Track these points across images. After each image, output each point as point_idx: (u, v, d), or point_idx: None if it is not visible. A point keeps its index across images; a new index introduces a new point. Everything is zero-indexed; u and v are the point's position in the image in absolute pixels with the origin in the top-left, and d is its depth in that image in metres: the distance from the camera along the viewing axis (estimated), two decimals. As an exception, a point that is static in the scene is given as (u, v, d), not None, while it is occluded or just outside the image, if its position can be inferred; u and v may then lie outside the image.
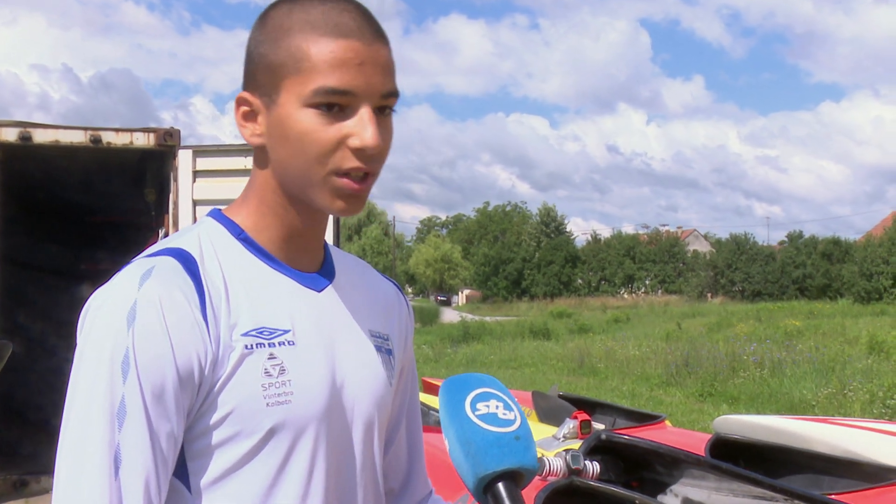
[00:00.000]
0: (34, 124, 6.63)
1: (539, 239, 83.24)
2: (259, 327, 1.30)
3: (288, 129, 1.29)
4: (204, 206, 6.61)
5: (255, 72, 1.33)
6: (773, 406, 13.81)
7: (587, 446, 3.73)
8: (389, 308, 1.56)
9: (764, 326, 26.42)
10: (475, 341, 29.97)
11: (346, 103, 1.28)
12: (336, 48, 1.27)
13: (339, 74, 1.26)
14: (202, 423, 1.27)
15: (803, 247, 63.89)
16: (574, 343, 25.09)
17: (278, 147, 1.32)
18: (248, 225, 1.39)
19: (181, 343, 1.23)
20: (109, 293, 1.25)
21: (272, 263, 1.38)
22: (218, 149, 7.02)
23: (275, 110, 1.31)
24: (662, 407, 14.15)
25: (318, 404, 1.33)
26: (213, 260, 1.33)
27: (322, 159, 1.29)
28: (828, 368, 15.93)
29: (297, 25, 1.29)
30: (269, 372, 1.29)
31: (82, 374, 1.22)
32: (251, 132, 1.35)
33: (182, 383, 1.23)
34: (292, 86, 1.28)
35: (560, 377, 19.03)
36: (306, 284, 1.40)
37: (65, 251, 10.30)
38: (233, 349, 1.27)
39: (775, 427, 4.91)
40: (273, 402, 1.28)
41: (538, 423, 6.12)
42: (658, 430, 5.47)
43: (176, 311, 1.23)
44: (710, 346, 19.89)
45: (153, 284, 1.24)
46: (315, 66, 1.27)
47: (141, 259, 1.30)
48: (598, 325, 36.48)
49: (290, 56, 1.28)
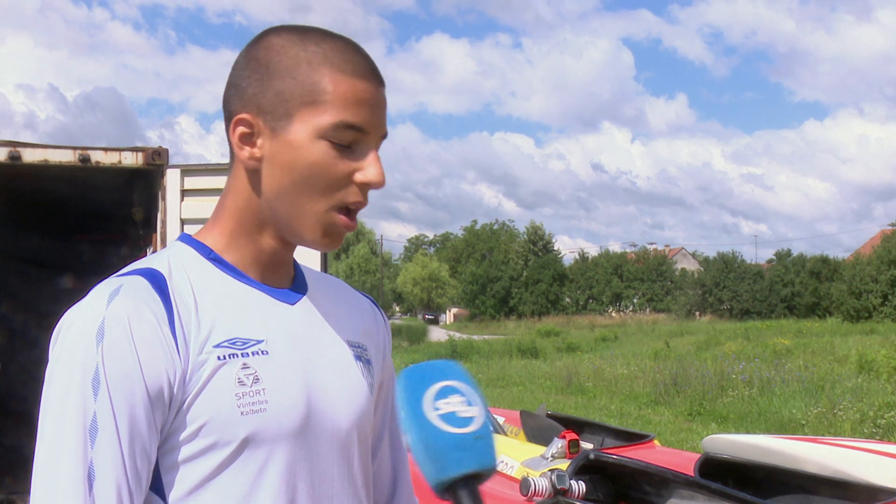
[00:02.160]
0: (23, 144, 6.62)
1: (526, 257, 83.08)
2: (232, 338, 1.32)
3: (297, 158, 1.32)
4: (192, 224, 6.60)
5: (258, 95, 1.35)
6: (763, 425, 13.81)
7: (575, 466, 3.75)
8: (365, 320, 1.57)
9: (752, 345, 26.42)
10: (463, 360, 29.85)
11: (357, 140, 1.33)
12: (357, 87, 1.33)
13: (357, 112, 1.32)
14: (176, 437, 1.28)
15: (792, 265, 63.94)
16: (562, 362, 25.04)
17: (279, 173, 1.34)
18: (219, 245, 1.40)
19: (149, 360, 1.24)
20: (79, 312, 1.27)
21: (243, 279, 1.39)
22: (206, 168, 7.02)
23: (283, 137, 1.33)
24: (651, 426, 14.14)
25: (294, 413, 1.33)
26: (183, 278, 1.34)
27: (328, 192, 1.33)
28: (817, 387, 15.93)
29: (315, 58, 1.33)
30: (242, 381, 1.29)
31: (53, 391, 1.23)
32: (249, 154, 1.36)
33: (152, 399, 1.24)
34: (308, 116, 1.32)
35: (548, 396, 19.00)
36: (278, 298, 1.41)
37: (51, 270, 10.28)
38: (205, 362, 1.28)
39: (764, 446, 4.92)
40: (247, 411, 1.29)
41: (526, 443, 6.13)
42: (646, 450, 5.49)
43: (144, 328, 1.25)
44: (699, 364, 19.87)
45: (121, 302, 1.26)
46: (334, 102, 1.31)
47: (110, 279, 1.32)
48: (586, 343, 36.42)
49: (308, 87, 1.32)
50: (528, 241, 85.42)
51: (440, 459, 1.16)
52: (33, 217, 9.55)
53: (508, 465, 5.35)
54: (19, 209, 8.86)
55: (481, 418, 1.20)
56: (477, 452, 1.17)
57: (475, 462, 1.16)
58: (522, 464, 5.20)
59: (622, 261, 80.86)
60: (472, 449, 1.17)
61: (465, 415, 1.18)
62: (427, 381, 1.21)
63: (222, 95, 1.41)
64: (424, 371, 1.23)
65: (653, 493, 3.75)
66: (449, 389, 1.20)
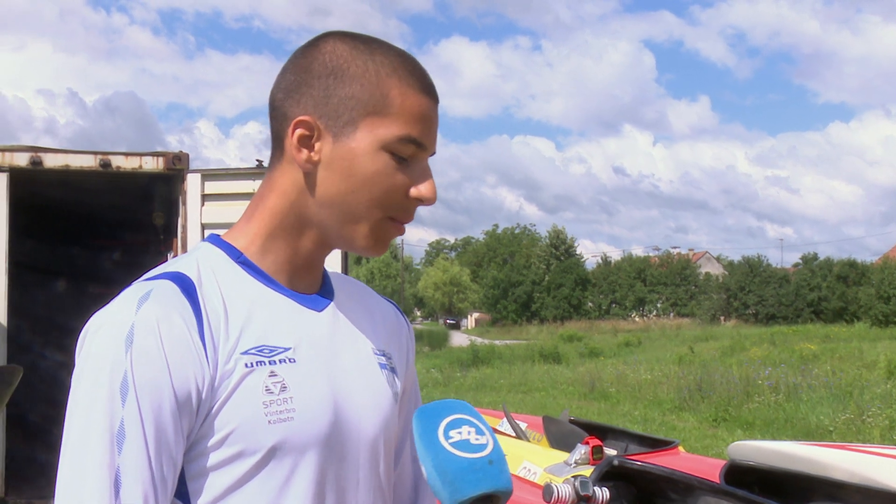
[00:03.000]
0: (44, 149, 6.68)
1: (549, 261, 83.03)
2: (259, 345, 1.32)
3: (358, 166, 1.34)
4: (212, 229, 6.61)
5: (323, 99, 1.35)
6: (789, 432, 13.73)
7: (599, 472, 3.74)
8: (390, 328, 1.58)
9: (778, 350, 26.27)
10: (484, 365, 29.86)
11: (414, 155, 1.35)
12: (422, 103, 1.35)
13: (422, 128, 1.35)
14: (203, 444, 1.28)
15: (818, 269, 63.61)
16: (585, 367, 24.97)
17: (336, 179, 1.35)
18: (251, 248, 1.40)
19: (178, 366, 1.24)
20: (107, 316, 1.27)
21: (272, 285, 1.39)
22: (227, 172, 7.06)
23: (345, 143, 1.34)
24: (675, 432, 14.08)
25: (321, 421, 1.34)
26: (212, 283, 1.34)
27: (383, 202, 1.35)
28: (845, 393, 15.82)
29: (384, 69, 1.35)
30: (270, 389, 1.30)
31: (80, 396, 1.23)
32: (307, 157, 1.36)
33: (180, 406, 1.24)
34: (374, 125, 1.33)
35: (571, 402, 18.94)
36: (306, 305, 1.42)
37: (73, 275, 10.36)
38: (233, 369, 1.28)
39: (791, 453, 4.89)
40: (275, 420, 1.29)
41: (549, 449, 6.12)
42: (671, 456, 5.47)
43: (173, 334, 1.25)
44: (724, 370, 19.77)
45: (151, 307, 1.25)
46: (401, 115, 1.33)
47: (139, 283, 1.32)
48: (608, 348, 36.32)
49: (377, 97, 1.33)
50: (550, 245, 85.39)
51: (455, 482, 1.21)
52: (53, 223, 9.62)
53: (531, 472, 5.35)
54: (38, 215, 8.92)
55: (493, 445, 1.24)
56: (491, 475, 1.22)
57: (489, 483, 1.21)
58: (545, 470, 5.19)
59: (645, 265, 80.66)
60: (485, 471, 1.22)
61: (478, 442, 1.23)
62: (439, 415, 1.27)
63: (271, 94, 1.41)
64: (437, 408, 1.29)
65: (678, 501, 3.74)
66: (460, 421, 1.26)
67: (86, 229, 10.00)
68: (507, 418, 6.88)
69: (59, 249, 10.09)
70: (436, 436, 1.23)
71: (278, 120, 1.39)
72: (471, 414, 1.28)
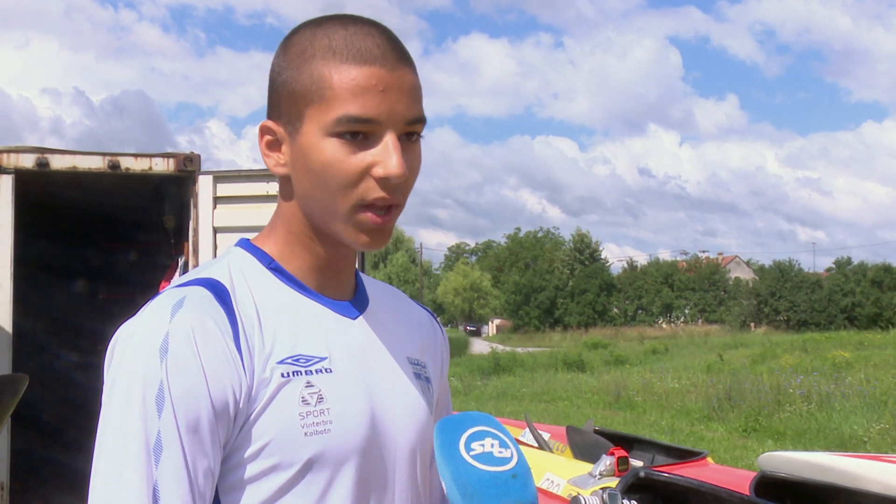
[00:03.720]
0: (51, 150, 6.69)
1: (572, 266, 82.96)
2: (295, 355, 1.31)
3: (311, 160, 1.31)
4: (224, 233, 6.64)
5: (278, 100, 1.35)
6: (822, 442, 13.68)
7: (625, 484, 3.72)
8: (425, 336, 1.58)
9: (811, 358, 26.18)
10: (506, 373, 29.90)
11: (370, 131, 1.29)
12: (358, 75, 1.29)
13: (362, 102, 1.28)
14: (237, 455, 1.27)
15: (852, 274, 63.34)
16: (610, 375, 24.96)
17: (302, 178, 1.34)
18: (277, 254, 1.41)
19: (215, 375, 1.24)
20: (140, 324, 1.26)
21: (304, 292, 1.39)
22: (239, 174, 7.05)
23: (298, 139, 1.33)
24: (704, 443, 14.05)
25: (358, 434, 1.33)
26: (245, 289, 1.34)
27: (346, 190, 1.30)
28: (880, 402, 15.75)
29: (320, 52, 1.31)
30: (306, 400, 1.29)
31: (114, 407, 1.22)
32: (275, 162, 1.37)
33: (217, 416, 1.23)
34: (315, 114, 1.30)
35: (595, 411, 18.93)
36: (340, 312, 1.41)
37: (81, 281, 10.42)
38: (269, 379, 1.28)
39: (824, 464, 4.87)
40: (311, 432, 1.28)
41: (573, 460, 6.11)
42: (699, 468, 5.45)
43: (209, 343, 1.24)
44: (754, 378, 19.74)
45: (185, 315, 1.25)
46: (337, 95, 1.28)
47: (171, 289, 1.31)
48: (635, 356, 36.29)
49: (312, 83, 1.30)
50: (573, 250, 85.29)
51: (476, 496, 1.19)
52: (61, 226, 9.66)
53: (554, 483, 5.33)
54: (46, 218, 8.96)
55: (517, 458, 1.22)
56: (514, 489, 1.21)
57: (512, 498, 1.20)
58: (569, 482, 5.17)
59: (673, 269, 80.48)
60: (508, 485, 1.20)
61: (501, 455, 1.21)
62: (461, 427, 1.25)
63: None
64: (459, 420, 1.28)
65: (706, 514, 3.71)
66: (483, 433, 1.24)
67: (95, 232, 10.05)
68: (529, 428, 6.87)
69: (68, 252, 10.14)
70: (457, 448, 1.22)
71: None
72: (494, 426, 1.26)
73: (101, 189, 7.94)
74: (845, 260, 70.85)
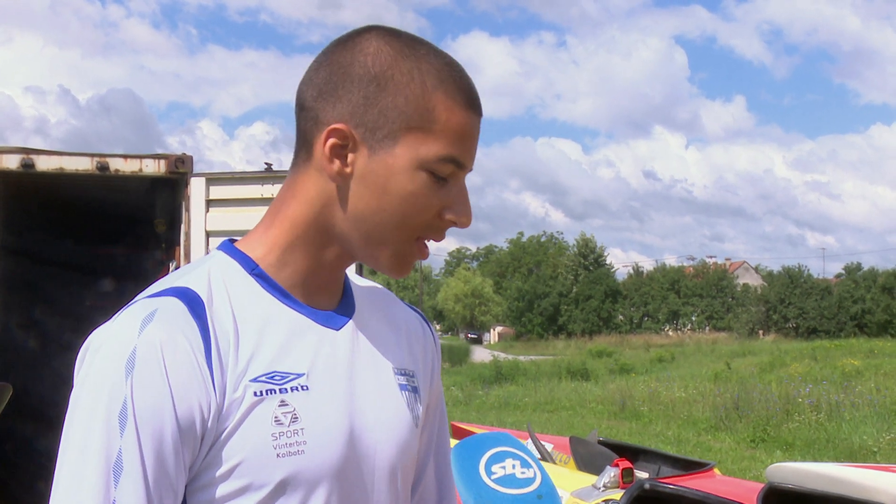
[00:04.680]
0: (37, 151, 6.65)
1: (577, 272, 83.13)
2: (270, 372, 1.29)
3: (394, 184, 1.30)
4: (217, 237, 6.63)
5: (364, 107, 1.30)
6: (831, 453, 13.68)
7: (630, 496, 3.71)
8: (414, 341, 1.55)
9: (820, 366, 26.22)
10: (508, 382, 29.93)
11: (453, 175, 1.32)
12: (466, 120, 1.32)
13: (464, 147, 1.32)
14: (207, 476, 1.25)
15: (862, 280, 63.51)
16: (615, 384, 24.98)
17: (367, 195, 1.31)
18: (267, 258, 1.37)
19: (182, 393, 1.22)
20: (109, 336, 1.24)
21: (288, 301, 1.36)
22: (233, 176, 7.04)
23: (382, 157, 1.30)
24: (711, 454, 14.05)
25: (333, 454, 1.31)
26: (224, 300, 1.31)
27: (414, 223, 1.32)
28: (890, 412, 15.79)
29: (430, 80, 1.30)
30: (279, 420, 1.27)
31: (76, 423, 1.21)
32: (339, 169, 1.32)
33: (183, 436, 1.22)
34: (415, 142, 1.29)
35: (600, 421, 18.95)
36: (324, 323, 1.38)
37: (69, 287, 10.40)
38: (241, 398, 1.26)
39: (833, 476, 4.86)
40: (284, 453, 1.26)
41: (577, 472, 6.10)
42: (706, 479, 5.43)
43: (178, 360, 1.22)
44: (763, 387, 19.76)
45: (155, 329, 1.22)
46: (445, 132, 1.30)
47: (144, 300, 1.28)
48: (640, 364, 36.34)
49: (422, 111, 1.29)
50: (578, 255, 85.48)
51: None
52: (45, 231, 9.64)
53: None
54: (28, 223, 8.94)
55: (541, 478, 1.20)
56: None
57: None
58: (573, 494, 5.16)
59: (679, 275, 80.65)
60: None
61: (524, 476, 1.20)
62: (479, 449, 1.23)
63: (299, 89, 1.36)
64: (477, 442, 1.25)
65: (712, 527, 3.71)
66: (502, 454, 1.23)
67: (82, 237, 10.03)
68: (532, 439, 6.86)
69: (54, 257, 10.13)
70: (477, 472, 1.20)
71: (308, 121, 1.34)
72: (514, 446, 1.24)
73: (89, 192, 7.92)
74: (855, 266, 71.15)
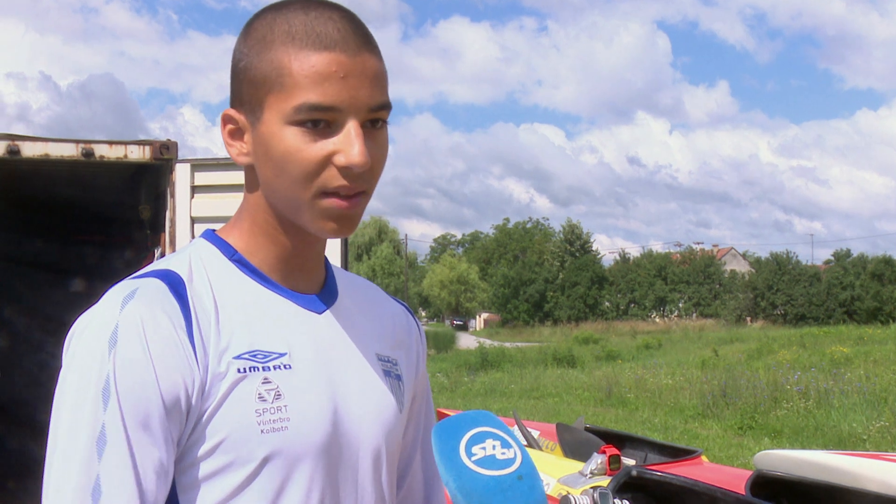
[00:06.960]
0: (22, 137, 6.62)
1: (563, 258, 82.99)
2: (252, 350, 1.32)
3: (272, 149, 1.31)
4: (203, 223, 6.61)
5: (239, 88, 1.36)
6: (820, 440, 13.73)
7: (616, 483, 3.73)
8: (398, 332, 1.58)
9: (808, 353, 26.23)
10: (494, 369, 29.90)
11: (331, 119, 1.29)
12: (317, 62, 1.28)
13: (322, 89, 1.28)
14: (192, 453, 1.28)
15: (851, 266, 63.59)
16: (601, 371, 25.02)
17: (264, 167, 1.34)
18: (241, 246, 1.41)
19: (165, 368, 1.25)
20: (92, 317, 1.28)
21: (267, 285, 1.39)
22: (218, 162, 7.01)
23: (259, 128, 1.33)
24: (698, 441, 14.09)
25: (317, 432, 1.34)
26: (204, 282, 1.35)
27: (307, 180, 1.30)
28: (879, 399, 15.82)
29: (280, 38, 1.31)
30: (263, 397, 1.30)
31: (64, 400, 1.25)
32: (238, 151, 1.38)
33: (168, 410, 1.25)
34: (275, 102, 1.30)
35: (586, 408, 18.98)
36: (305, 306, 1.41)
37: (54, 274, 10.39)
38: (224, 374, 1.29)
39: (822, 463, 4.88)
40: (268, 429, 1.29)
41: (563, 458, 6.12)
42: (693, 466, 5.46)
43: (159, 335, 1.25)
44: (750, 374, 19.80)
45: (135, 306, 1.26)
46: (296, 82, 1.28)
47: (125, 281, 1.32)
48: (627, 351, 36.34)
49: (271, 70, 1.30)
50: (564, 241, 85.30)
51: None
52: (30, 217, 9.62)
53: (544, 483, 5.34)
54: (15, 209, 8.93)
55: (521, 458, 1.21)
56: (521, 492, 1.20)
57: (520, 501, 1.18)
58: (559, 481, 5.18)
59: (666, 262, 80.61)
60: (515, 489, 1.20)
61: (504, 457, 1.21)
62: (459, 430, 1.24)
63: None
64: (456, 422, 1.26)
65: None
66: (483, 435, 1.23)
67: (67, 222, 10.00)
68: (518, 425, 6.88)
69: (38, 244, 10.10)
70: (457, 454, 1.21)
71: None
72: (495, 425, 1.25)
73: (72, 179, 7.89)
74: (844, 252, 71.20)
